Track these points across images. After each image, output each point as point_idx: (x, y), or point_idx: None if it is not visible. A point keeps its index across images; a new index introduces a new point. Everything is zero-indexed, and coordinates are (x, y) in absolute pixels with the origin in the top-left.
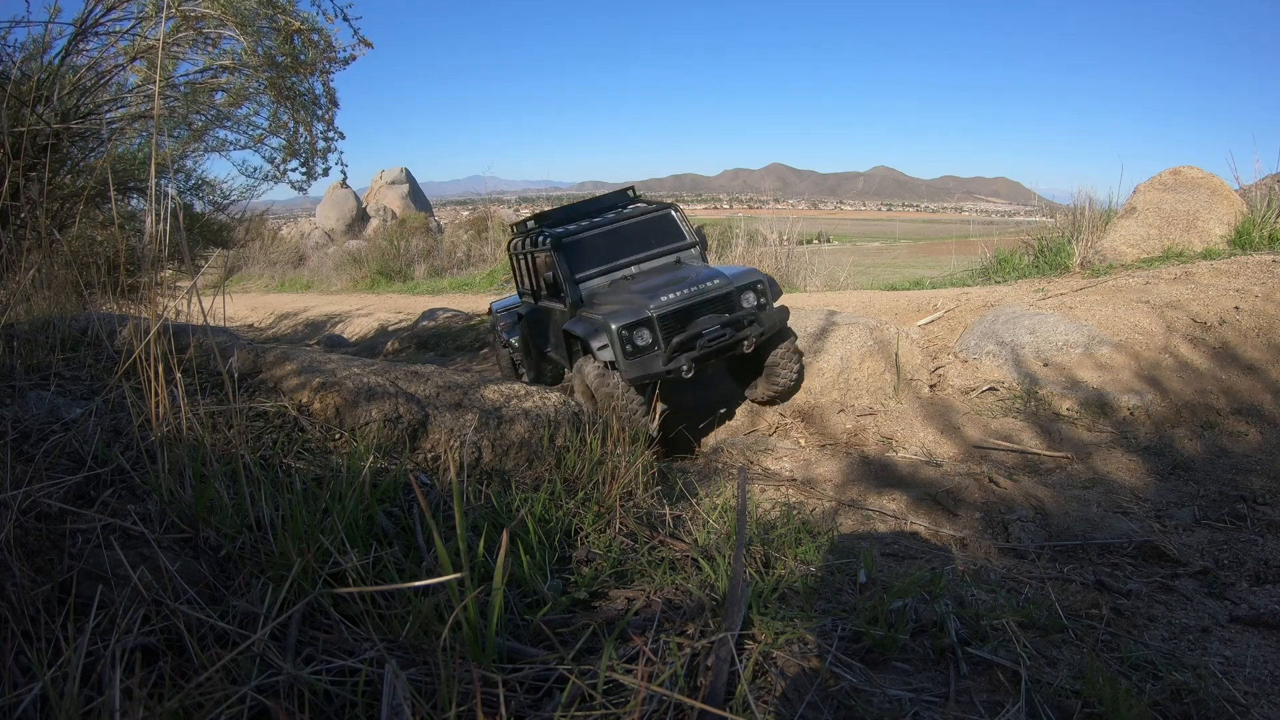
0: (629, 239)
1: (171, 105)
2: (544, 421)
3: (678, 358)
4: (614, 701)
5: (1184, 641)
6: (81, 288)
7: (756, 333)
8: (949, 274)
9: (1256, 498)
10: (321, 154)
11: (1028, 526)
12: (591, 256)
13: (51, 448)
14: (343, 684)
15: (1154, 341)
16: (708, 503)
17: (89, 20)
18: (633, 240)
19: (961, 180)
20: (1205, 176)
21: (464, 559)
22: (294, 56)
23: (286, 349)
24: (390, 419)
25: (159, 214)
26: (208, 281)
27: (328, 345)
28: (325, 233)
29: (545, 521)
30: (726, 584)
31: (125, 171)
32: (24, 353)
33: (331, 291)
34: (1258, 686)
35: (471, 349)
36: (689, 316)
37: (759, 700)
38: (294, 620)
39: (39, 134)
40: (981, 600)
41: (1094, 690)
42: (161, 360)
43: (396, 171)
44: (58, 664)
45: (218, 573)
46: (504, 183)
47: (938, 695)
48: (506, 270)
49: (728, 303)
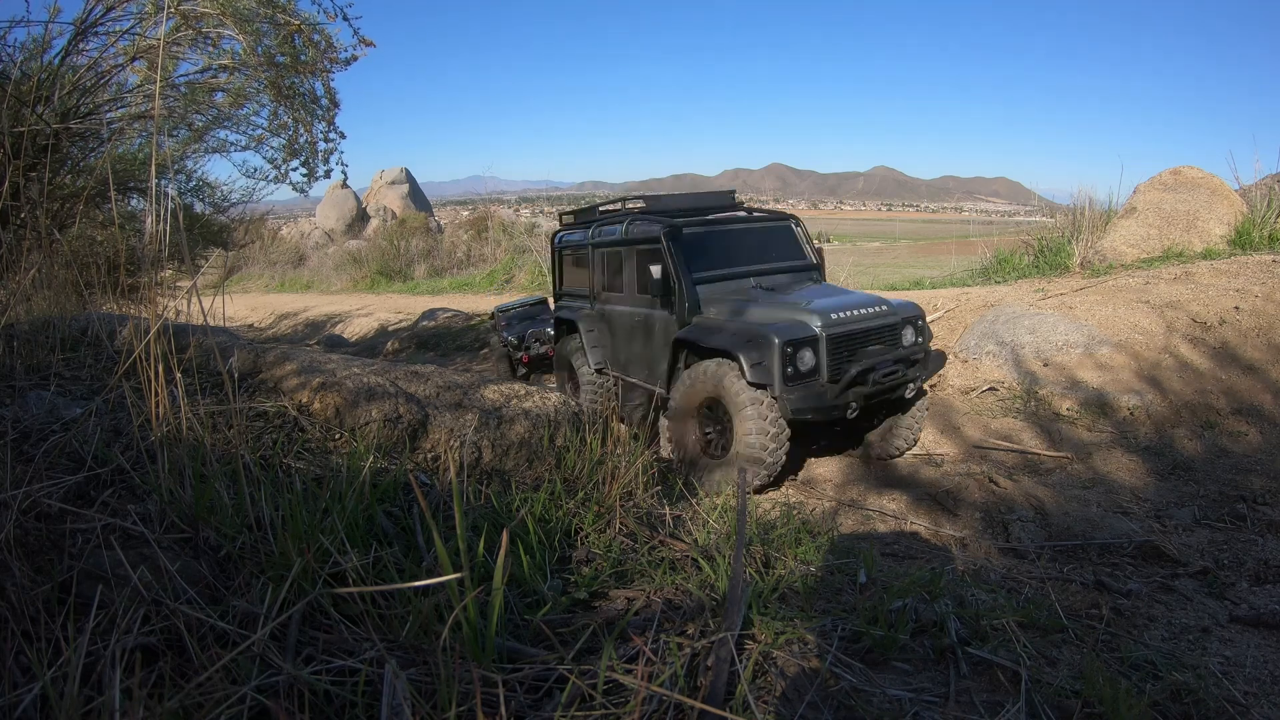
0: (749, 247)
1: (171, 105)
2: (544, 421)
3: (846, 393)
4: (614, 701)
5: (1184, 641)
6: (81, 288)
7: (920, 376)
8: (949, 274)
9: (1256, 498)
10: (323, 155)
11: (1028, 526)
12: (710, 258)
13: (51, 448)
14: (343, 684)
15: (1154, 341)
16: (708, 503)
17: (89, 20)
18: (752, 249)
19: (961, 180)
20: (1205, 176)
21: (464, 559)
22: (294, 56)
23: (286, 349)
24: (390, 419)
25: (159, 214)
26: (208, 281)
27: (328, 345)
28: (325, 233)
29: (545, 521)
30: (726, 584)
31: (125, 171)
32: (24, 353)
33: (331, 291)
34: (1258, 686)
35: (471, 349)
36: (859, 344)
37: (759, 700)
38: (294, 620)
39: (39, 134)
40: (981, 600)
41: (1094, 690)
42: (161, 360)
43: (396, 171)
44: (58, 664)
45: (218, 573)
46: (504, 183)
47: (938, 695)
48: (506, 270)
49: (894, 335)
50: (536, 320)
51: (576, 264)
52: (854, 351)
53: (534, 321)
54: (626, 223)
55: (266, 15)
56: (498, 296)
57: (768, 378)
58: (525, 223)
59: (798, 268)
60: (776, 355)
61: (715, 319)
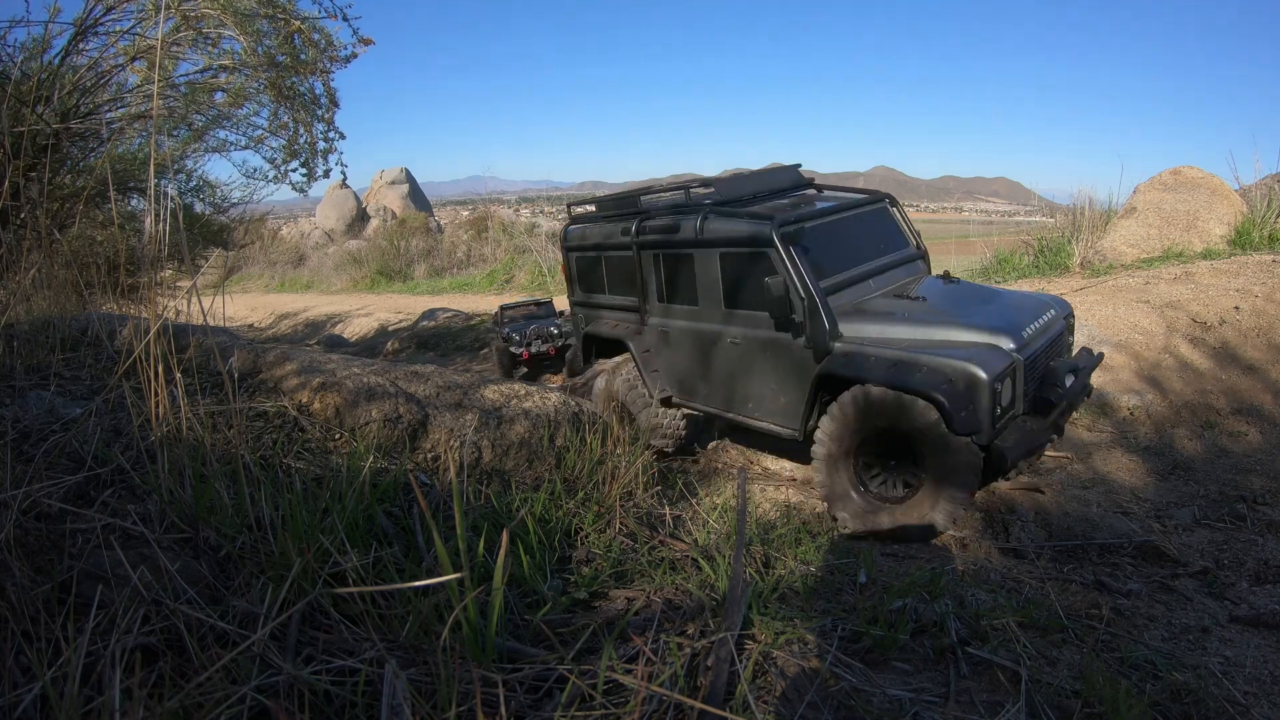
0: (860, 240)
1: (171, 105)
2: (544, 421)
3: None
4: (614, 701)
5: (1184, 641)
6: (81, 288)
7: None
8: None
9: (1256, 498)
10: (323, 155)
11: (1028, 526)
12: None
13: (51, 448)
14: (343, 684)
15: (1154, 341)
16: (708, 503)
17: (89, 20)
18: (862, 243)
19: (961, 180)
20: (1205, 176)
21: (464, 559)
22: (294, 56)
23: (286, 349)
24: (390, 419)
25: (159, 214)
26: (208, 281)
27: (328, 345)
28: (325, 233)
29: (545, 521)
30: (726, 584)
31: (125, 171)
32: (24, 353)
33: (331, 291)
34: (1258, 686)
35: (471, 349)
36: (1046, 360)
37: (759, 700)
38: (294, 620)
39: (39, 134)
40: (981, 600)
41: (1094, 690)
42: (161, 360)
43: (396, 171)
44: (58, 664)
45: (218, 573)
46: (504, 183)
47: (938, 695)
48: (506, 270)
49: (1066, 340)
50: (539, 319)
51: (609, 267)
52: (1038, 372)
53: (537, 320)
54: (701, 218)
55: (266, 15)
56: (498, 296)
57: (976, 424)
58: (525, 223)
59: (907, 259)
60: (985, 395)
61: (867, 345)
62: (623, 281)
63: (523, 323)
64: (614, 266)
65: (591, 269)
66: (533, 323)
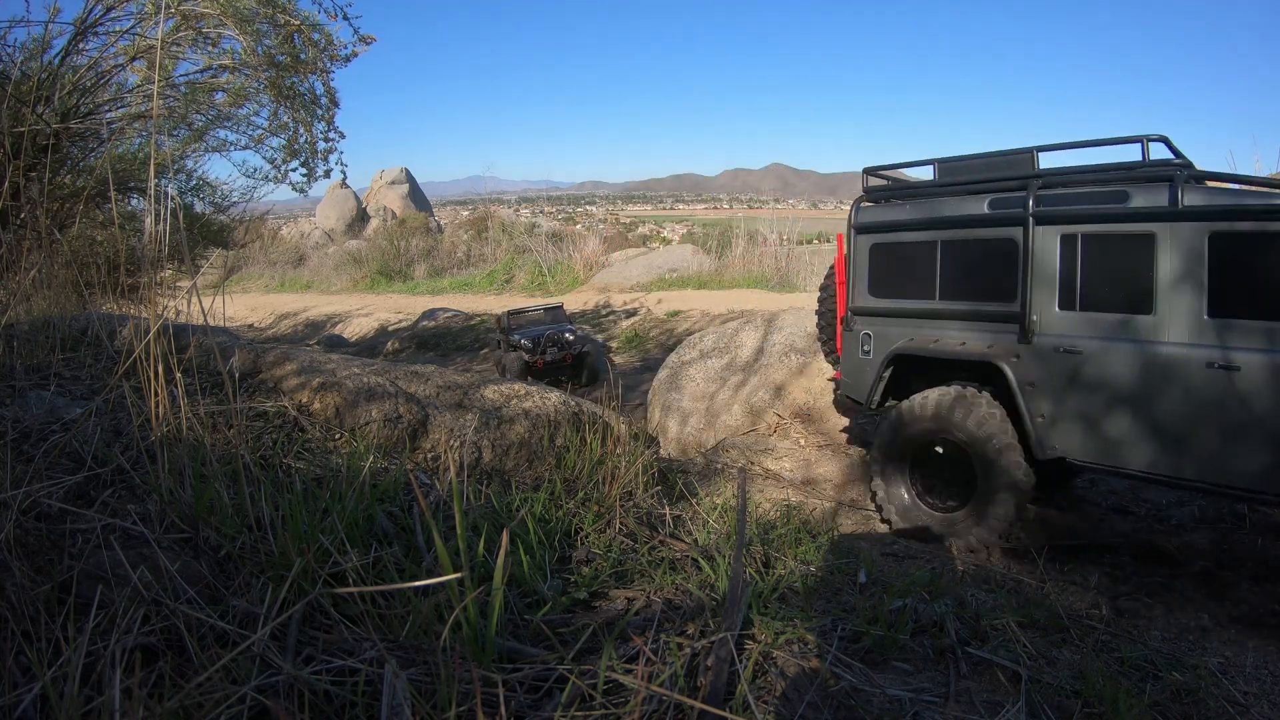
0: None
1: (171, 105)
2: (544, 421)
3: None
4: (614, 701)
5: (1184, 641)
6: (81, 288)
7: None
8: None
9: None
10: (323, 155)
11: (1028, 526)
12: None
13: (51, 448)
14: (343, 684)
15: None
16: (708, 503)
17: (89, 20)
18: None
19: None
20: None
21: (464, 559)
22: (294, 56)
23: (286, 349)
24: (390, 419)
25: (159, 214)
26: (208, 281)
27: (328, 345)
28: (325, 233)
29: (545, 521)
30: (726, 584)
31: (125, 171)
32: (24, 353)
33: (331, 291)
34: (1257, 686)
35: (471, 349)
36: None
37: (759, 700)
38: (294, 620)
39: (39, 134)
40: (981, 600)
41: (1094, 690)
42: (161, 360)
43: (396, 171)
44: (58, 664)
45: (218, 573)
46: (504, 183)
47: (938, 695)
48: (506, 270)
49: None
50: (551, 326)
51: (950, 256)
52: None
53: (548, 327)
54: (1173, 186)
55: (266, 15)
56: (498, 296)
57: None
58: (525, 223)
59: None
60: None
61: None
62: (978, 277)
63: (534, 329)
64: (960, 255)
65: (907, 261)
66: (545, 329)
